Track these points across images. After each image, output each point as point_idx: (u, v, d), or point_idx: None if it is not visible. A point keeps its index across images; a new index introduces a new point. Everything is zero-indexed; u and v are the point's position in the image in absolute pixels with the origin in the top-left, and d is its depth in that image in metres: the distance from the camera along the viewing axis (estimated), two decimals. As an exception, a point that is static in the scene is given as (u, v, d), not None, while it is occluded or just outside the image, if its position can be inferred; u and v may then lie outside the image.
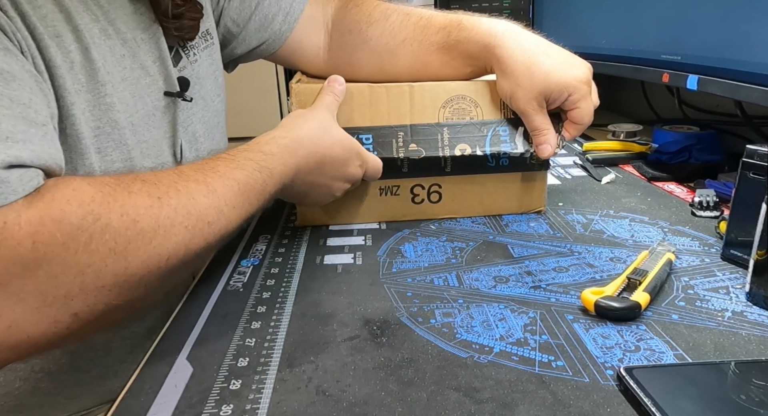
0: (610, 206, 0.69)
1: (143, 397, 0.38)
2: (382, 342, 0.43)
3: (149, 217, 0.38)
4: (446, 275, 0.53)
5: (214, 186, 0.43)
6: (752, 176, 0.50)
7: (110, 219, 0.36)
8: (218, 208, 0.42)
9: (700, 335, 0.42)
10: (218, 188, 0.43)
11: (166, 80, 0.57)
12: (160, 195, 0.39)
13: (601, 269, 0.53)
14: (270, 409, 0.36)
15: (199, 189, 0.42)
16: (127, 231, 0.37)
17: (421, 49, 0.64)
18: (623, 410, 0.35)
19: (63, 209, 0.35)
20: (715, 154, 0.80)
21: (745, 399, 0.34)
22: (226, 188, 0.44)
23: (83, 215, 0.35)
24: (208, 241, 0.42)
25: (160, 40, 0.56)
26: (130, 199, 0.38)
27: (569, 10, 0.98)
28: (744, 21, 0.61)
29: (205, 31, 0.64)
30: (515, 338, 0.43)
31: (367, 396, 0.37)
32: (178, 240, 0.39)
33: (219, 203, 0.42)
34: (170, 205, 0.39)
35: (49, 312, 0.35)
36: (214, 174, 0.44)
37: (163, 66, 0.56)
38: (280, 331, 0.45)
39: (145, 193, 0.39)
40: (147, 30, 0.55)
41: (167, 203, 0.39)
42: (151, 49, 0.55)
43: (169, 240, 0.39)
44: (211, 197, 0.42)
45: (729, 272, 0.52)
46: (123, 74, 0.52)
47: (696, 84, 0.67)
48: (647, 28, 0.79)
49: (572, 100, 0.59)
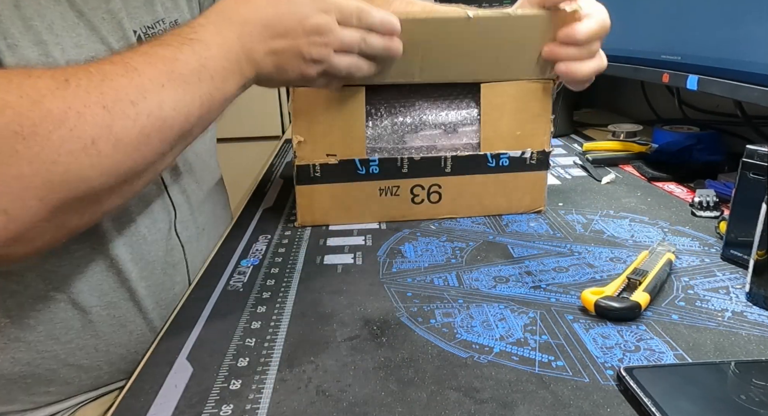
0: (610, 206, 0.69)
1: (143, 397, 0.38)
2: (382, 342, 0.43)
3: (55, 98, 0.35)
4: (446, 275, 0.53)
5: (133, 65, 0.38)
6: (752, 176, 0.50)
7: (7, 101, 0.33)
8: (141, 86, 0.38)
9: (700, 335, 0.42)
10: (138, 66, 0.38)
11: None
12: (68, 77, 0.36)
13: (601, 269, 0.53)
14: (270, 409, 0.36)
15: (115, 69, 0.38)
16: (29, 112, 0.33)
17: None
18: (623, 410, 0.35)
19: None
20: (715, 154, 0.80)
21: (745, 399, 0.34)
22: (149, 65, 0.39)
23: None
24: (139, 124, 0.37)
25: (123, 22, 0.53)
26: (30, 80, 0.35)
27: (569, 10, 0.98)
28: (744, 21, 0.61)
29: (173, 21, 0.61)
30: (515, 338, 0.43)
31: (367, 396, 0.37)
32: (97, 121, 0.35)
33: (141, 81, 0.38)
34: (79, 86, 0.36)
35: None
36: (133, 54, 0.39)
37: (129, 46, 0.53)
38: (280, 331, 0.45)
39: (49, 76, 0.36)
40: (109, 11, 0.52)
41: (75, 84, 0.36)
42: (114, 29, 0.52)
43: (86, 122, 0.35)
44: (131, 75, 0.38)
45: (729, 272, 0.52)
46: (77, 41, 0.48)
47: (696, 84, 0.67)
48: (647, 28, 0.79)
49: None
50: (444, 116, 0.63)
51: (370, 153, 0.62)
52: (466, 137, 0.64)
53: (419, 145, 0.63)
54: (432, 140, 0.63)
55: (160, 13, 0.60)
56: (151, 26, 0.58)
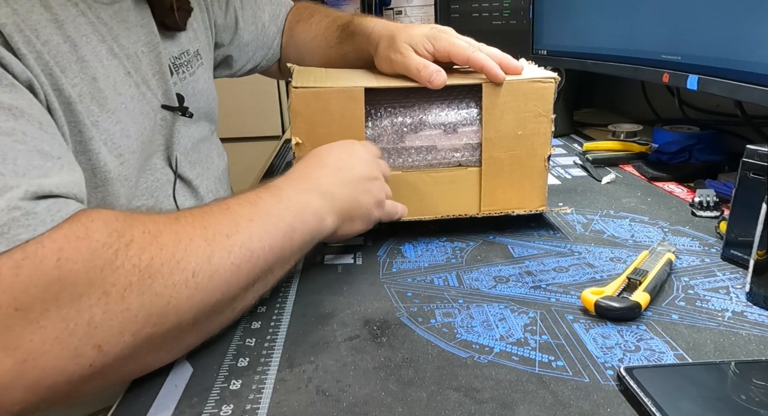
0: (610, 206, 0.69)
1: (143, 397, 0.38)
2: (382, 342, 0.43)
3: (169, 231, 0.38)
4: (446, 275, 0.53)
5: (225, 205, 0.43)
6: (752, 176, 0.50)
7: (133, 235, 0.36)
8: (233, 221, 0.41)
9: (700, 335, 0.42)
10: (230, 206, 0.43)
11: (164, 94, 0.58)
12: (177, 216, 0.40)
13: (601, 269, 0.53)
14: (270, 409, 0.36)
15: (212, 208, 0.42)
16: (149, 246, 0.36)
17: (326, 44, 0.77)
18: (623, 410, 0.35)
19: (88, 226, 0.34)
20: (715, 154, 0.80)
21: (745, 399, 0.34)
22: (238, 205, 0.43)
23: (108, 232, 0.35)
24: (233, 256, 0.40)
25: (161, 54, 0.57)
26: (150, 218, 0.38)
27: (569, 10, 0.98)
28: (744, 21, 0.61)
29: (195, 51, 0.67)
30: (515, 338, 0.43)
31: (367, 396, 0.37)
32: (199, 254, 0.38)
33: (233, 217, 0.42)
34: (186, 221, 0.39)
35: (71, 342, 0.32)
36: (222, 199, 0.45)
37: (163, 80, 0.58)
38: (280, 331, 0.45)
39: (163, 215, 0.39)
40: (148, 43, 0.56)
41: (184, 220, 0.39)
42: (151, 63, 0.56)
43: (191, 254, 0.37)
44: (225, 212, 0.42)
45: (729, 272, 0.52)
46: (131, 93, 0.53)
47: (696, 84, 0.67)
48: (647, 28, 0.79)
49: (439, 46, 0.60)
50: (444, 116, 0.63)
51: None
52: (466, 137, 0.63)
53: (419, 145, 0.63)
54: (432, 140, 0.63)
55: (184, 44, 0.63)
56: (178, 57, 0.62)
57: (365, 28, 0.69)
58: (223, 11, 0.77)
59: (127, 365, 0.36)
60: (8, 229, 0.31)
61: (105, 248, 0.34)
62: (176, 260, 0.36)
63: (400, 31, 0.63)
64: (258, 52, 0.84)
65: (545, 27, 1.04)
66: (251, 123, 1.84)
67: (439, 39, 0.61)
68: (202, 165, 0.67)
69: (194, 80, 0.66)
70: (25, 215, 0.32)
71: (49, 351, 0.31)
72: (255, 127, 1.85)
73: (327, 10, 0.85)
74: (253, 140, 1.84)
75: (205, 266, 0.38)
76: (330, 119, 0.60)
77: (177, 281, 0.36)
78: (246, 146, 1.82)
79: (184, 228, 0.38)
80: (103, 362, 0.34)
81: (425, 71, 0.59)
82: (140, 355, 0.36)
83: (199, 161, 0.66)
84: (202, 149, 0.68)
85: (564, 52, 0.99)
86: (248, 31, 0.81)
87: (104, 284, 0.33)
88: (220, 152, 0.75)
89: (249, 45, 0.82)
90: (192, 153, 0.65)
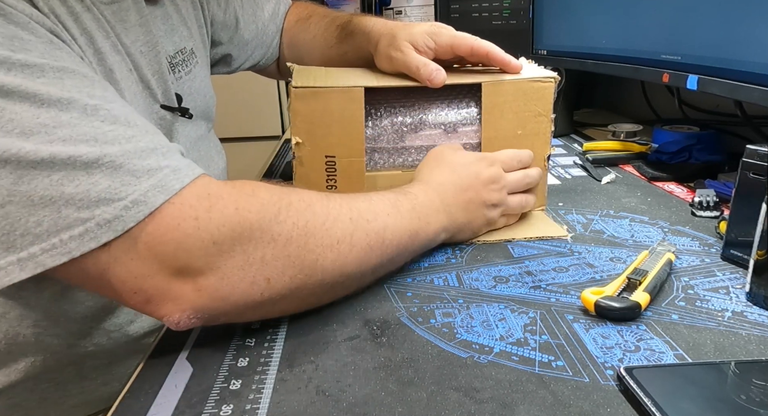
0: (610, 206, 0.69)
1: (143, 397, 0.38)
2: (382, 342, 0.43)
3: (321, 204, 0.45)
4: (446, 275, 0.53)
5: (369, 197, 0.49)
6: (752, 176, 0.50)
7: (291, 200, 0.43)
8: (374, 210, 0.48)
9: (700, 335, 0.42)
10: (373, 198, 0.49)
11: (164, 93, 0.58)
12: (327, 195, 0.47)
13: (601, 269, 0.53)
14: (270, 409, 0.36)
15: (357, 196, 0.49)
16: (305, 211, 0.43)
17: (326, 43, 0.77)
18: (623, 410, 0.35)
19: (253, 187, 0.42)
20: (715, 154, 0.80)
21: (745, 399, 0.34)
22: (379, 200, 0.49)
23: (271, 194, 0.42)
24: (369, 238, 0.46)
25: (159, 53, 0.57)
26: (303, 191, 0.45)
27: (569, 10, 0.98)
28: (744, 21, 0.61)
29: (190, 49, 0.67)
30: (515, 338, 0.43)
31: (367, 396, 0.37)
32: (344, 229, 0.44)
33: (374, 207, 0.48)
34: (335, 199, 0.46)
35: (249, 271, 0.40)
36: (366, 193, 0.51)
37: (162, 79, 0.58)
38: (280, 331, 0.45)
39: (314, 192, 0.46)
40: (147, 43, 0.56)
41: (333, 199, 0.46)
42: (150, 63, 0.56)
43: (338, 227, 0.44)
44: (368, 202, 0.48)
45: (729, 272, 0.52)
46: (134, 89, 0.53)
47: (696, 84, 0.67)
48: (647, 28, 0.79)
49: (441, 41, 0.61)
50: (444, 115, 0.63)
51: (370, 153, 0.62)
52: (466, 137, 0.63)
53: (419, 145, 0.63)
54: (432, 140, 0.63)
55: (179, 43, 0.64)
56: (174, 56, 0.62)
57: (365, 27, 0.69)
58: (222, 9, 0.77)
59: (283, 303, 0.43)
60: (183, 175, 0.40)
61: (270, 205, 0.42)
62: (326, 228, 0.43)
63: (401, 29, 0.64)
64: (257, 51, 0.84)
65: (545, 27, 1.04)
66: (251, 123, 1.84)
67: (440, 34, 0.61)
68: (202, 163, 0.67)
69: (191, 79, 0.66)
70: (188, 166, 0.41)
71: (236, 275, 0.39)
72: (254, 127, 1.85)
73: (325, 10, 0.85)
74: (252, 140, 1.84)
75: (347, 239, 0.44)
76: (330, 118, 0.60)
77: (325, 244, 0.43)
78: (246, 145, 1.81)
79: (332, 204, 0.45)
80: (270, 294, 0.41)
81: (425, 69, 0.59)
82: (292, 297, 0.43)
83: (199, 159, 0.66)
84: (201, 148, 0.68)
85: (564, 52, 0.99)
86: (248, 30, 0.81)
87: (271, 233, 0.41)
88: (219, 150, 0.75)
89: (249, 44, 0.82)
90: (192, 152, 0.65)
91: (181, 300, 0.39)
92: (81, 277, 0.38)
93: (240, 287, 0.40)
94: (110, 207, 0.36)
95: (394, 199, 0.50)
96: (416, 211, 0.51)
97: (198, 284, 0.39)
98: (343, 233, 0.44)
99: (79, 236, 0.36)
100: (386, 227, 0.47)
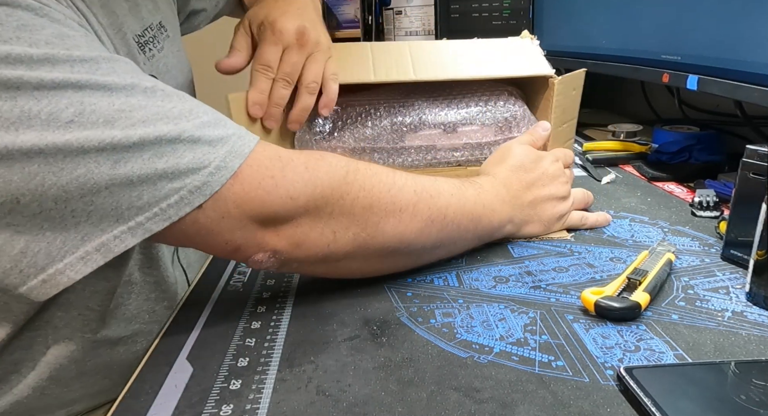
0: (610, 206, 0.69)
1: (143, 397, 0.38)
2: (382, 342, 0.43)
3: (386, 174, 0.48)
4: (446, 275, 0.53)
5: (435, 178, 0.51)
6: (752, 176, 0.50)
7: (358, 167, 0.47)
8: (438, 189, 0.50)
9: (700, 335, 0.42)
10: (438, 179, 0.51)
11: None
12: (391, 169, 0.49)
13: (601, 269, 0.53)
14: (270, 409, 0.36)
15: (422, 175, 0.51)
16: (372, 177, 0.47)
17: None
18: (623, 410, 0.35)
19: (321, 154, 0.46)
20: (715, 154, 0.80)
21: (745, 399, 0.34)
22: (445, 182, 0.52)
23: (338, 159, 0.46)
24: (430, 212, 0.48)
25: (126, 35, 0.54)
26: (369, 163, 0.48)
27: (569, 10, 0.98)
28: (744, 21, 0.61)
29: (158, 23, 0.63)
30: (515, 338, 0.43)
31: (367, 396, 0.37)
32: (407, 199, 0.47)
33: (439, 187, 0.50)
34: (400, 173, 0.49)
35: (319, 223, 0.44)
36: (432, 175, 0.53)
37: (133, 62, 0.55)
38: (280, 331, 0.45)
39: (380, 165, 0.49)
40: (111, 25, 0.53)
41: (398, 172, 0.49)
42: (119, 46, 0.53)
43: (402, 196, 0.47)
44: (433, 181, 0.51)
45: (729, 272, 0.52)
46: None
47: (696, 84, 0.67)
48: (647, 28, 0.79)
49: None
50: (444, 115, 0.63)
51: (370, 153, 0.62)
52: (465, 137, 0.63)
53: (419, 145, 0.63)
54: (431, 140, 0.63)
55: (146, 19, 0.60)
56: (141, 34, 0.59)
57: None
58: None
59: (347, 261, 0.47)
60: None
61: (339, 168, 0.45)
62: (391, 195, 0.47)
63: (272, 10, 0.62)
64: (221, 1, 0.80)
65: (545, 27, 1.04)
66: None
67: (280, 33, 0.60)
68: None
69: (165, 56, 0.62)
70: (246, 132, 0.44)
71: (308, 224, 0.44)
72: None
73: None
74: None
75: (410, 209, 0.47)
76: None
77: (389, 209, 0.47)
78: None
79: (398, 176, 0.48)
80: (335, 247, 0.45)
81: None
82: (355, 256, 0.47)
83: None
84: None
85: (564, 52, 0.99)
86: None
87: (340, 191, 0.45)
88: None
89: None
90: None
91: (264, 244, 0.44)
92: (181, 237, 0.42)
93: (311, 235, 0.44)
94: (198, 175, 0.40)
95: (459, 183, 0.53)
96: (481, 198, 0.53)
97: (278, 231, 0.44)
98: (407, 202, 0.47)
99: (175, 204, 0.40)
100: (449, 205, 0.50)
